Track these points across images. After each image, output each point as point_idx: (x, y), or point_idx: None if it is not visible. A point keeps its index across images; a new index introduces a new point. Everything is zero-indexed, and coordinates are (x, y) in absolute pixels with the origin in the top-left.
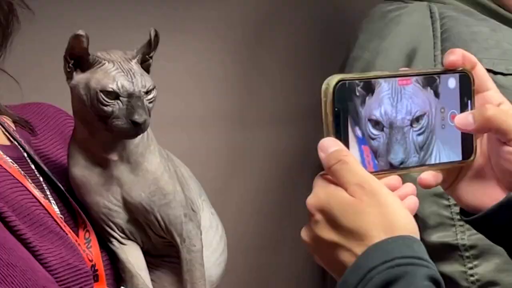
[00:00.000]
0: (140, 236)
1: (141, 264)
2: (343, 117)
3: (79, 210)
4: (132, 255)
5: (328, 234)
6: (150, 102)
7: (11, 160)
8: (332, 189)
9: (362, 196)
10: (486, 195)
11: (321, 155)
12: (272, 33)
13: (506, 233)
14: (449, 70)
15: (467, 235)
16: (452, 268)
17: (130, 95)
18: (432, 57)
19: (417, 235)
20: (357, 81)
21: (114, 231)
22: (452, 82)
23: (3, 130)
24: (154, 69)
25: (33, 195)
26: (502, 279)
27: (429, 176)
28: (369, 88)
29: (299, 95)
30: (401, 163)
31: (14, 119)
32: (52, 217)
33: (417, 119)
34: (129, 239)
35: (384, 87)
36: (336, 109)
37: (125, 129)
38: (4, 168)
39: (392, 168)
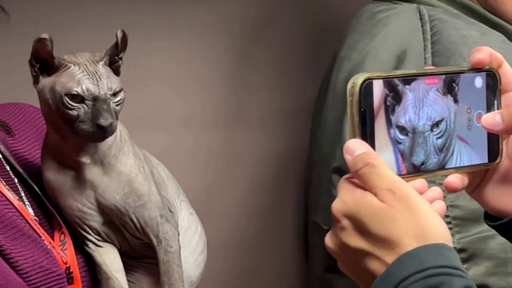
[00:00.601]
0: (116, 238)
1: (117, 266)
2: (369, 117)
3: (54, 212)
4: (108, 257)
5: (356, 241)
6: (117, 105)
7: None
8: (360, 194)
9: (392, 201)
10: None
11: (347, 157)
12: (261, 36)
13: None
14: (476, 69)
15: (456, 238)
16: None
17: (95, 98)
18: (422, 59)
19: (450, 243)
20: (383, 80)
21: (89, 234)
22: (478, 81)
23: None
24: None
25: (6, 197)
26: (492, 282)
27: (455, 179)
28: (395, 87)
29: (287, 97)
30: (423, 164)
31: None
32: (26, 219)
33: (438, 122)
34: (105, 241)
35: (412, 87)
36: (362, 109)
37: (91, 133)
38: None
39: (417, 171)
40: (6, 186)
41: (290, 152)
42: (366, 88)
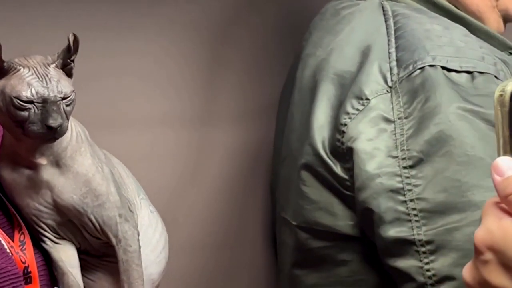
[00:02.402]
0: (75, 237)
1: (74, 262)
2: None
3: (14, 212)
4: (65, 254)
5: (500, 279)
6: (67, 105)
7: None
8: (509, 224)
9: None
10: None
11: (496, 178)
12: (229, 35)
13: None
14: None
15: (423, 230)
16: (408, 263)
17: (44, 100)
18: (387, 54)
19: None
20: None
21: (46, 231)
22: None
23: None
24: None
25: None
26: (458, 273)
27: None
28: None
29: (256, 94)
30: None
31: None
32: None
33: None
34: (63, 239)
35: None
36: None
37: (41, 133)
38: None
39: None
40: None
41: (261, 149)
42: None
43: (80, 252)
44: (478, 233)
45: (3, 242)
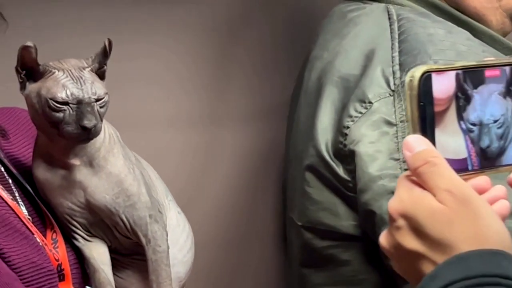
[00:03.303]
0: (107, 236)
1: (105, 260)
2: (429, 112)
3: (46, 212)
4: (97, 251)
5: (411, 242)
6: (101, 107)
7: None
8: (418, 193)
9: (452, 204)
10: None
11: (406, 154)
12: (239, 34)
13: None
14: None
15: None
16: None
17: (79, 102)
18: (390, 58)
19: (510, 250)
20: (443, 72)
21: (79, 229)
22: None
23: None
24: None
25: (0, 196)
26: None
27: None
28: (456, 80)
29: (265, 94)
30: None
31: None
32: (19, 217)
33: (505, 114)
34: (95, 237)
35: (472, 79)
36: (421, 103)
37: (76, 134)
38: None
39: (481, 168)
40: (1, 186)
41: (270, 149)
42: (425, 81)
43: (110, 250)
44: (391, 203)
45: (38, 240)
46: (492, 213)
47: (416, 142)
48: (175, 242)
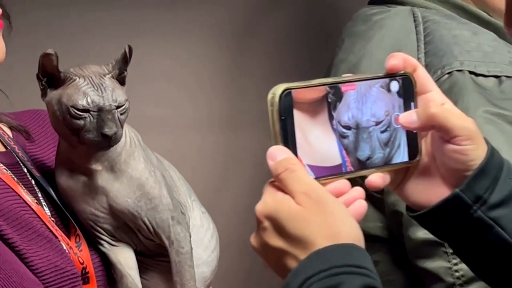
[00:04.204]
0: (131, 239)
1: (132, 264)
2: (290, 125)
3: (69, 216)
4: (123, 256)
5: (275, 241)
6: (122, 114)
7: (4, 167)
8: (280, 197)
9: (308, 204)
10: (432, 193)
11: (270, 163)
12: (258, 38)
13: (450, 229)
14: (391, 74)
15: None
16: (437, 264)
17: (100, 109)
18: (416, 59)
19: (360, 243)
20: (301, 89)
21: (104, 235)
22: (394, 85)
23: None
24: (141, 72)
25: (23, 200)
26: None
27: (376, 178)
28: (314, 95)
29: None
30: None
31: (10, 125)
32: (43, 221)
33: (361, 124)
34: (120, 241)
35: (329, 94)
36: (283, 117)
37: (96, 141)
38: None
39: (339, 173)
40: (25, 190)
41: None
42: (285, 98)
43: (136, 253)
44: (258, 206)
45: (62, 243)
46: (345, 211)
47: (278, 152)
48: (200, 242)
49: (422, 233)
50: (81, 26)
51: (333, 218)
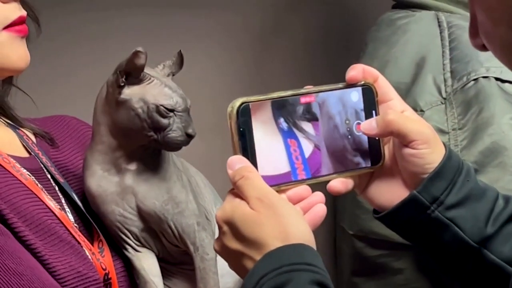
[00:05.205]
0: (155, 245)
1: (155, 271)
2: (249, 136)
3: (92, 222)
4: (146, 262)
5: (233, 244)
6: None
7: (28, 172)
8: (237, 203)
9: (260, 208)
10: (395, 196)
11: (229, 171)
12: (278, 44)
13: (411, 229)
14: (351, 85)
15: None
16: None
17: (183, 110)
18: (441, 65)
19: (311, 242)
20: (259, 102)
21: (129, 238)
22: (355, 95)
23: (22, 142)
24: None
25: (46, 205)
26: None
27: (337, 183)
28: (272, 108)
29: None
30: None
31: (34, 131)
32: (65, 226)
33: (321, 133)
34: (144, 246)
35: (287, 106)
36: (241, 129)
37: (180, 141)
38: (19, 180)
39: (300, 179)
40: (48, 196)
41: None
42: (243, 111)
43: (158, 259)
44: (217, 212)
45: (85, 249)
46: (295, 214)
47: (235, 161)
48: None
49: None
50: (106, 31)
51: (284, 220)
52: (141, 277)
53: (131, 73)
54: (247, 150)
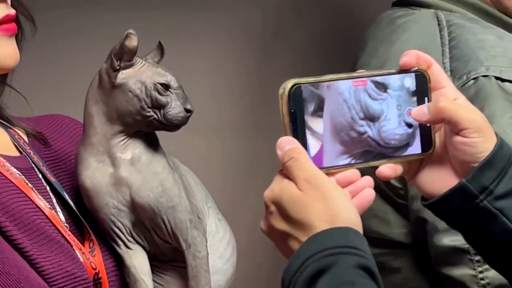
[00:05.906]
0: (147, 240)
1: (145, 270)
2: (300, 117)
3: (83, 221)
4: (137, 260)
5: (280, 224)
6: None
7: (18, 172)
8: (285, 184)
9: (308, 190)
10: (445, 184)
11: (278, 152)
12: (283, 43)
13: (459, 218)
14: (405, 70)
15: None
16: (462, 272)
17: (179, 87)
18: (441, 64)
19: (357, 226)
20: (311, 84)
21: (122, 233)
22: (408, 81)
23: (13, 141)
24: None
25: (36, 205)
26: None
27: (387, 168)
28: (324, 90)
29: None
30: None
31: (26, 131)
32: (55, 226)
33: (373, 118)
34: (136, 242)
35: (340, 89)
36: (292, 110)
37: (181, 117)
38: (9, 179)
39: (350, 163)
40: (38, 195)
41: None
42: (295, 92)
43: (149, 257)
44: (266, 192)
45: (74, 248)
46: (343, 197)
47: (285, 142)
48: (215, 250)
49: (447, 240)
50: (104, 32)
51: (332, 203)
52: (131, 275)
53: (125, 56)
54: (297, 131)
